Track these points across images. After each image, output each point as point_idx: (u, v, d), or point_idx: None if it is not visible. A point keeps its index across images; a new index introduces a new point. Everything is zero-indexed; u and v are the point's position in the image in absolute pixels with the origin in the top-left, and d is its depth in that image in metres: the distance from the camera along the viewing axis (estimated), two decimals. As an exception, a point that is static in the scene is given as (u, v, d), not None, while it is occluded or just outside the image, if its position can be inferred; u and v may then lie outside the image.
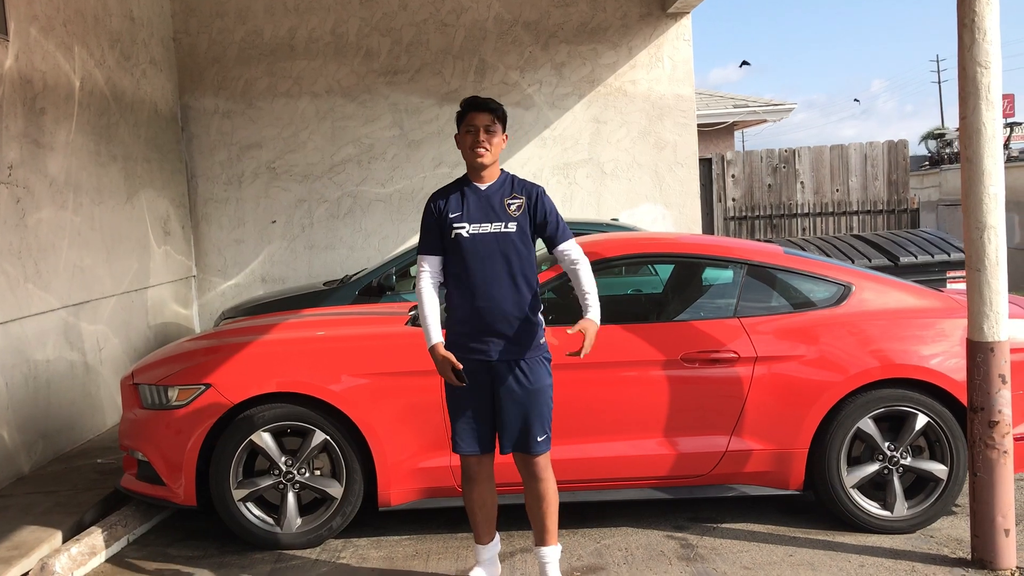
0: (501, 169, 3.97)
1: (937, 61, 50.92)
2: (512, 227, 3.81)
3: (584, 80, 9.89)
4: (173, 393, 4.75)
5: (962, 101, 4.10)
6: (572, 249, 3.91)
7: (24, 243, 6.10)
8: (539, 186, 3.95)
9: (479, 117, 3.83)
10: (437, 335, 3.84)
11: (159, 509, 5.25)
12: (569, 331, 3.76)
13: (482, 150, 3.81)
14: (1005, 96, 33.30)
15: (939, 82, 55.30)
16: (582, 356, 3.76)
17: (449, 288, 3.91)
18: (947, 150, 32.03)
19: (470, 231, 3.81)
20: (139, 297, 8.16)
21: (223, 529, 4.84)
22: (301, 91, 9.85)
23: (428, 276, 3.89)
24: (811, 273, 4.95)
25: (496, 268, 3.79)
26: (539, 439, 3.85)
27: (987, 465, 4.14)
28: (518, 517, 4.38)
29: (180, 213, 9.51)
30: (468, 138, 3.84)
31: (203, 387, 4.69)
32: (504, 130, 3.92)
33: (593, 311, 3.84)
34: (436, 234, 3.88)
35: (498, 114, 3.87)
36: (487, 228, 3.81)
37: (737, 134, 30.60)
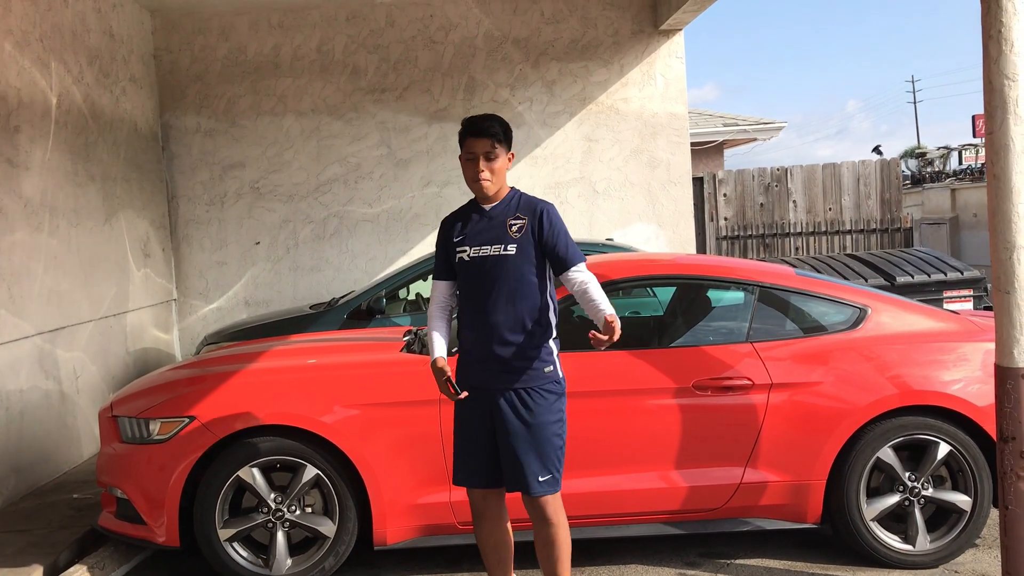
0: (512, 188, 3.74)
1: (912, 81, 51.39)
2: (512, 249, 3.58)
3: (575, 98, 9.70)
4: (155, 426, 4.47)
5: (988, 116, 3.92)
6: (581, 270, 3.63)
7: (-3, 267, 5.81)
8: (546, 203, 3.71)
9: (478, 144, 3.60)
10: (440, 350, 3.68)
11: (139, 550, 4.95)
12: (597, 334, 3.43)
13: (483, 181, 3.61)
14: (978, 116, 33.54)
15: (915, 102, 55.92)
16: (615, 338, 3.41)
17: (458, 313, 3.78)
18: (928, 169, 32.24)
19: (470, 254, 3.63)
20: (118, 322, 7.85)
21: (207, 571, 4.55)
22: (286, 109, 9.60)
23: (435, 301, 3.80)
24: (825, 295, 4.75)
25: (495, 292, 3.58)
26: (540, 479, 3.56)
27: (1019, 498, 3.92)
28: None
29: (160, 235, 9.21)
30: (469, 167, 3.64)
31: (187, 420, 4.41)
32: (509, 148, 3.70)
33: (609, 308, 3.49)
34: (443, 258, 3.77)
35: (499, 137, 3.63)
36: (486, 251, 3.61)
37: (730, 152, 30.64)
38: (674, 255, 6.13)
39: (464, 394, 3.62)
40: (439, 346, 3.70)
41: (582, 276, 3.62)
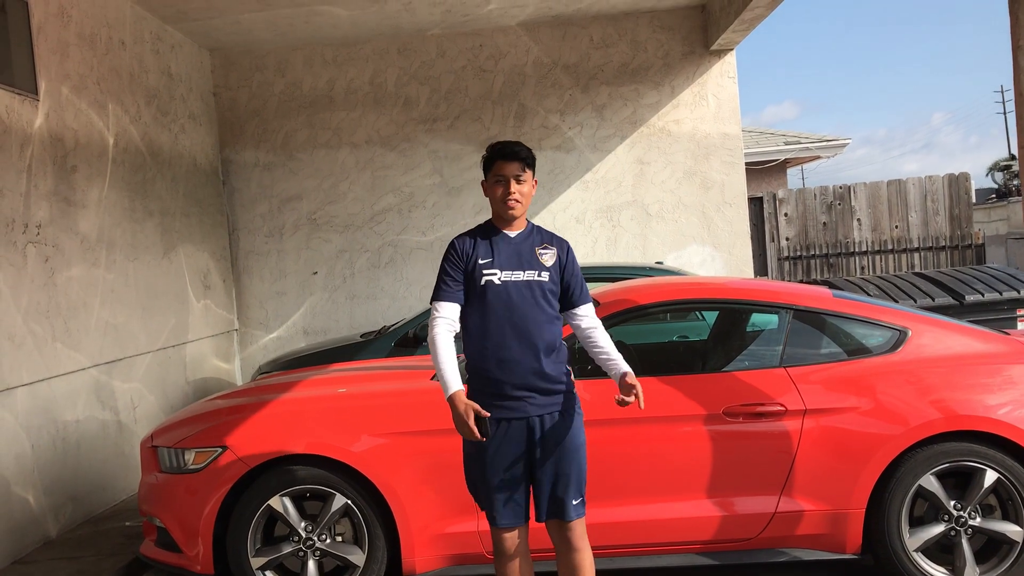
0: (526, 219, 3.74)
1: (1002, 92, 49.53)
2: (544, 276, 3.59)
3: (626, 121, 9.66)
4: (190, 456, 4.57)
5: (1020, 129, 3.78)
6: (590, 313, 3.71)
7: (53, 302, 6.04)
8: (566, 241, 3.74)
9: (507, 167, 3.58)
10: (457, 382, 3.50)
11: (178, 577, 5.04)
12: (617, 397, 3.51)
13: (513, 202, 3.58)
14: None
15: (1004, 113, 53.86)
16: (643, 406, 3.51)
17: (472, 339, 3.61)
18: (1015, 182, 31.20)
19: (501, 278, 3.56)
20: (177, 353, 8.07)
21: (242, 599, 4.60)
22: (341, 142, 9.80)
23: (445, 324, 3.56)
24: (862, 317, 4.60)
25: (528, 317, 3.54)
26: (574, 502, 3.56)
27: (1066, 528, 3.73)
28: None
29: (221, 267, 9.46)
30: (498, 189, 3.60)
31: (220, 449, 4.50)
32: (534, 174, 3.69)
33: (626, 365, 3.62)
34: (460, 280, 3.60)
35: (528, 161, 3.62)
36: (519, 276, 3.57)
37: (795, 171, 30.13)
38: (708, 278, 6.04)
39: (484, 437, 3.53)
40: (456, 376, 3.49)
41: (590, 319, 3.71)
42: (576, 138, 9.65)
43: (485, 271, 3.57)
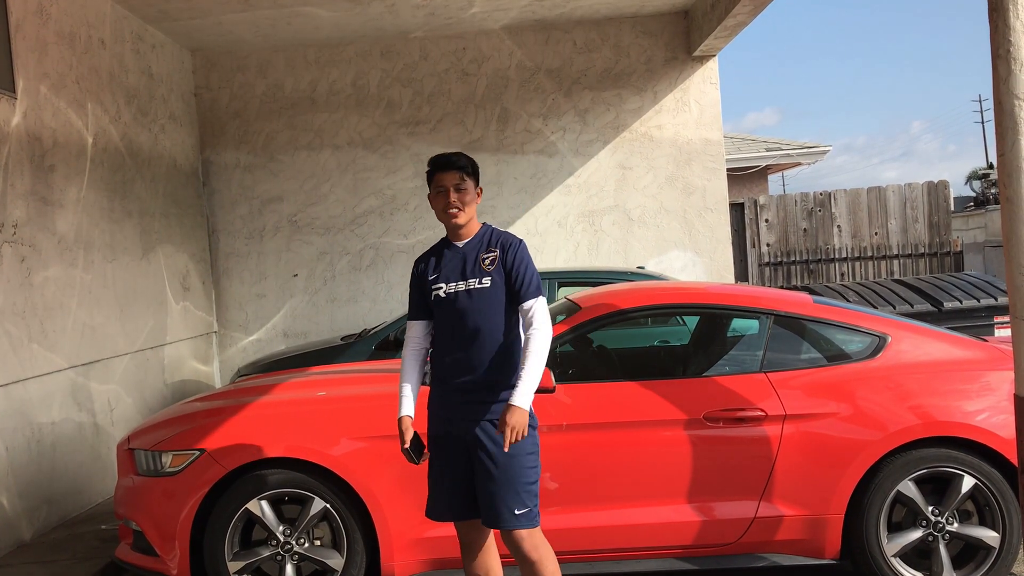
0: (483, 223, 3.75)
1: (980, 100, 50.03)
2: (487, 282, 3.59)
3: (608, 126, 9.68)
4: (167, 459, 4.52)
5: (999, 137, 3.80)
6: (536, 310, 3.56)
7: (29, 302, 5.97)
8: (517, 238, 3.70)
9: (446, 177, 3.62)
10: (407, 407, 3.68)
11: (154, 581, 4.98)
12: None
13: (454, 211, 3.62)
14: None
15: (982, 122, 54.36)
16: (505, 449, 3.42)
17: (433, 348, 3.75)
18: (992, 190, 31.47)
19: (446, 290, 3.62)
20: (155, 355, 8.00)
21: (219, 603, 4.55)
22: (322, 143, 9.76)
23: (411, 342, 3.77)
24: (842, 323, 4.62)
25: (469, 327, 3.57)
26: (516, 513, 3.50)
27: (1043, 534, 3.75)
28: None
29: (200, 268, 9.39)
30: (439, 200, 3.64)
31: (197, 453, 4.46)
32: (477, 183, 3.71)
33: (520, 395, 3.42)
34: (419, 298, 3.74)
35: (467, 170, 3.65)
36: (461, 286, 3.61)
37: (776, 177, 30.30)
38: (690, 283, 6.05)
39: (425, 461, 3.67)
40: (407, 402, 3.68)
41: (529, 316, 3.56)
42: (559, 142, 9.66)
43: (433, 286, 3.66)
